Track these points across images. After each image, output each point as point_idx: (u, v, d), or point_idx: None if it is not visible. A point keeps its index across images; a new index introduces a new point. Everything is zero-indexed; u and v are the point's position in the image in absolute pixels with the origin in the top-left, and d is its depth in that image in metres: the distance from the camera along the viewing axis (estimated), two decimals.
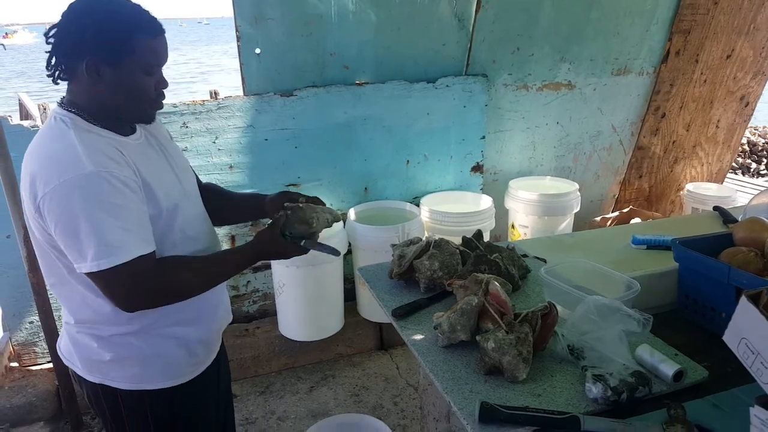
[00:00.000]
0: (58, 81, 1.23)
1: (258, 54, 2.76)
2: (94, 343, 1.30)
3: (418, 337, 1.41)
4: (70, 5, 1.19)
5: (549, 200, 3.29)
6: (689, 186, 3.91)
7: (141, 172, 1.22)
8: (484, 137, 3.35)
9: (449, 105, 3.20)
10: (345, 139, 3.02)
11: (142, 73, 1.20)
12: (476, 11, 3.04)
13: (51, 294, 2.54)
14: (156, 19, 1.22)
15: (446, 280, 1.57)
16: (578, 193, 3.37)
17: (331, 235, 2.73)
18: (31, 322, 2.70)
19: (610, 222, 3.68)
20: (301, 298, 2.77)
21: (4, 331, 2.82)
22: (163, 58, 1.24)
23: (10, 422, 2.51)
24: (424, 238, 1.73)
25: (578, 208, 3.38)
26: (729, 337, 0.99)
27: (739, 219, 2.03)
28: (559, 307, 1.38)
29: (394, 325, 1.48)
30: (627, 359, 1.21)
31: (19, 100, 7.47)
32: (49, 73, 1.22)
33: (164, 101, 1.32)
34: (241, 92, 2.82)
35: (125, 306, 1.20)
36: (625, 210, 3.81)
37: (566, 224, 3.36)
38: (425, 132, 3.20)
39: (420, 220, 2.99)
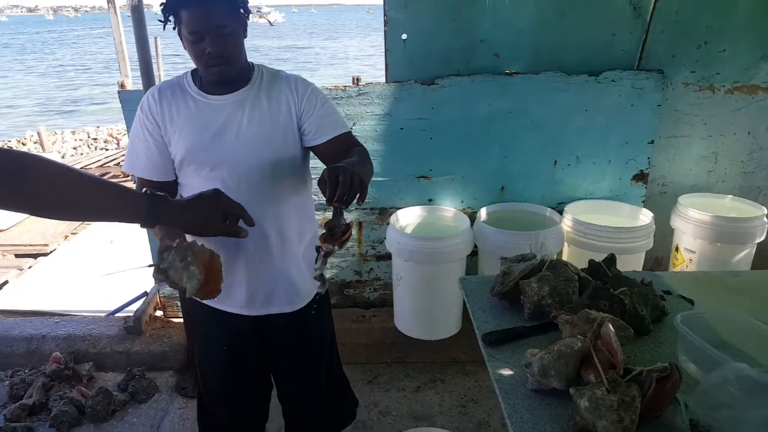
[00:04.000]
0: None
1: (404, 40, 2.68)
2: None
3: (506, 372, 1.22)
4: None
5: (725, 224, 2.76)
6: None
7: (166, 119, 1.52)
8: (652, 142, 2.91)
9: (613, 102, 2.82)
10: (485, 133, 2.81)
11: (189, 37, 1.42)
12: None
13: None
14: None
15: (555, 309, 1.35)
16: (765, 219, 2.79)
17: (455, 234, 2.58)
18: None
19: None
20: (417, 294, 2.67)
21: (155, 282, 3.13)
22: (201, 26, 1.39)
23: (146, 366, 2.78)
24: (539, 256, 1.51)
25: (763, 238, 2.80)
26: None
27: None
28: (692, 366, 1.11)
29: (482, 352, 1.30)
30: None
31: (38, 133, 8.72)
32: None
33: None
34: (383, 79, 2.76)
35: None
36: None
37: (744, 255, 2.80)
38: (580, 131, 2.87)
39: (560, 228, 2.69)
